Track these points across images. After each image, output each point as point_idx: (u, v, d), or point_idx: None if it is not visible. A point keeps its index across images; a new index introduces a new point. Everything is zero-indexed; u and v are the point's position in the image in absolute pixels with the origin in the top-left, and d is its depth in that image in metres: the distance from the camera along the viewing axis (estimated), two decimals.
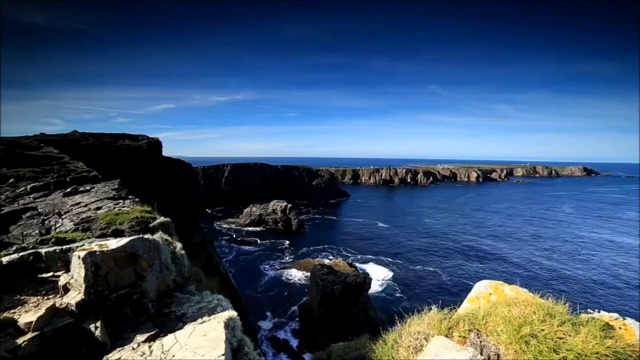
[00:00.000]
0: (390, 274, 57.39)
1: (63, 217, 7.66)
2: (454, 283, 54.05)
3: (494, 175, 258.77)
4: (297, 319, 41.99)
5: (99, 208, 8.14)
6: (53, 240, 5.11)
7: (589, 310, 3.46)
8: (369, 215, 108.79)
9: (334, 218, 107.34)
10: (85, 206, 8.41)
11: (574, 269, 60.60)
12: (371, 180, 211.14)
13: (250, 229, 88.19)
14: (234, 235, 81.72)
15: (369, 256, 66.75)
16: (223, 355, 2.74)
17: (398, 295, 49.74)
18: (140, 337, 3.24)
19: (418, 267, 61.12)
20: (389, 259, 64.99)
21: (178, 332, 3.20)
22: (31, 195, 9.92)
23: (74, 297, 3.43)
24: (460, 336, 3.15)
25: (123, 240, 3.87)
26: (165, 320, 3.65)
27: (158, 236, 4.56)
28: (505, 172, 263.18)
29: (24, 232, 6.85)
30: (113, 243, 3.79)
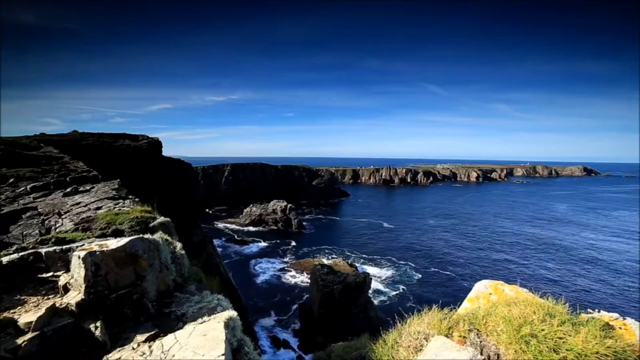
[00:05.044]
0: (390, 274, 57.44)
1: (63, 217, 7.66)
2: (454, 283, 54.08)
3: (494, 175, 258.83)
4: (297, 318, 42.01)
5: (99, 208, 8.14)
6: (53, 240, 5.11)
7: (589, 310, 3.46)
8: (369, 215, 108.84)
9: (334, 218, 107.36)
10: (85, 206, 8.40)
11: (574, 268, 60.65)
12: (371, 180, 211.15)
13: (250, 228, 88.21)
14: (234, 235, 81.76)
15: (369, 256, 66.80)
16: (223, 355, 2.74)
17: (398, 295, 49.77)
18: (140, 337, 3.24)
19: (418, 266, 61.16)
20: (389, 259, 65.03)
21: (178, 332, 3.19)
22: (31, 195, 9.92)
23: (74, 297, 3.43)
24: (460, 336, 3.15)
25: (123, 240, 3.86)
26: (165, 320, 3.65)
27: (158, 236, 4.56)
28: (505, 172, 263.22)
29: (24, 232, 6.85)
30: (113, 243, 3.79)
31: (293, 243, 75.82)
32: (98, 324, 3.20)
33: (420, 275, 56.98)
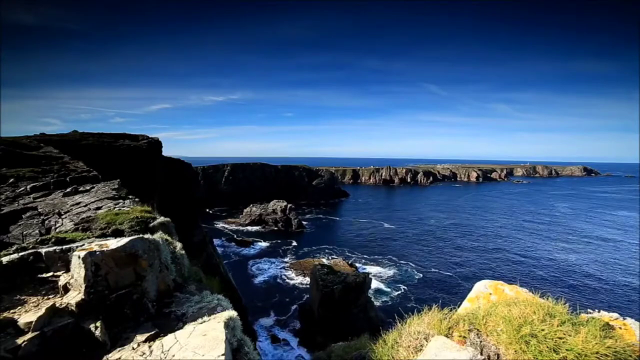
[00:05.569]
0: (391, 274, 57.46)
1: (63, 217, 7.66)
2: (454, 283, 54.09)
3: (494, 175, 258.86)
4: (297, 318, 42.03)
5: (99, 208, 8.14)
6: (53, 240, 5.11)
7: (589, 310, 3.46)
8: (369, 215, 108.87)
9: (334, 218, 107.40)
10: (85, 206, 8.40)
11: (574, 268, 60.65)
12: (371, 180, 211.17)
13: (250, 228, 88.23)
14: (234, 236, 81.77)
15: (370, 256, 66.82)
16: (223, 355, 2.74)
17: (398, 295, 49.78)
18: (140, 337, 3.24)
19: (419, 266, 61.17)
20: (389, 259, 65.05)
21: (178, 332, 3.19)
22: (31, 195, 9.92)
23: (74, 297, 3.43)
24: (460, 336, 3.15)
25: (123, 240, 3.86)
26: (165, 320, 3.65)
27: (158, 236, 4.56)
28: (505, 172, 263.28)
29: (24, 232, 6.85)
30: (113, 243, 3.79)
31: (293, 243, 75.83)
32: (98, 324, 3.20)
33: (420, 275, 56.98)
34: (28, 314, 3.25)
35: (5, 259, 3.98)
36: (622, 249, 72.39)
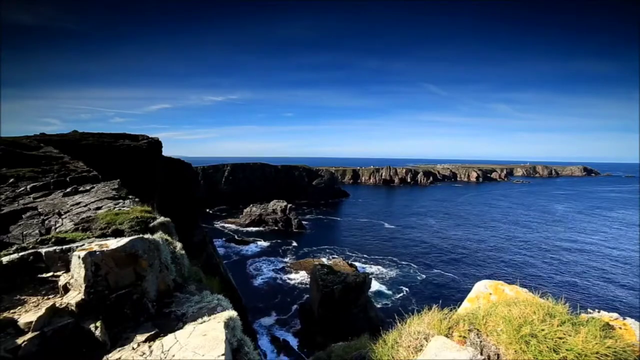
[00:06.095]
0: (392, 274, 57.47)
1: (63, 217, 7.66)
2: (454, 283, 54.08)
3: (494, 175, 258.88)
4: (297, 318, 42.03)
5: (99, 208, 8.13)
6: (53, 240, 5.11)
7: (589, 310, 3.46)
8: (370, 215, 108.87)
9: (334, 218, 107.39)
10: (85, 206, 8.40)
11: (574, 268, 60.66)
12: (371, 180, 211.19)
13: (250, 229, 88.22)
14: (234, 235, 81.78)
15: (370, 256, 66.83)
16: (223, 355, 2.74)
17: (398, 295, 49.78)
18: (140, 337, 3.24)
19: (418, 266, 61.17)
20: (389, 259, 65.03)
21: (178, 332, 3.19)
22: (31, 195, 9.91)
23: (74, 297, 3.43)
24: (460, 336, 3.15)
25: (123, 240, 3.86)
26: (165, 320, 3.65)
27: (158, 236, 4.56)
28: (505, 172, 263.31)
29: (24, 232, 6.85)
30: (113, 243, 3.79)
31: (293, 243, 75.82)
32: (98, 324, 3.20)
33: (420, 275, 56.99)
34: (28, 314, 3.25)
35: (5, 259, 3.98)
36: (622, 249, 72.38)
